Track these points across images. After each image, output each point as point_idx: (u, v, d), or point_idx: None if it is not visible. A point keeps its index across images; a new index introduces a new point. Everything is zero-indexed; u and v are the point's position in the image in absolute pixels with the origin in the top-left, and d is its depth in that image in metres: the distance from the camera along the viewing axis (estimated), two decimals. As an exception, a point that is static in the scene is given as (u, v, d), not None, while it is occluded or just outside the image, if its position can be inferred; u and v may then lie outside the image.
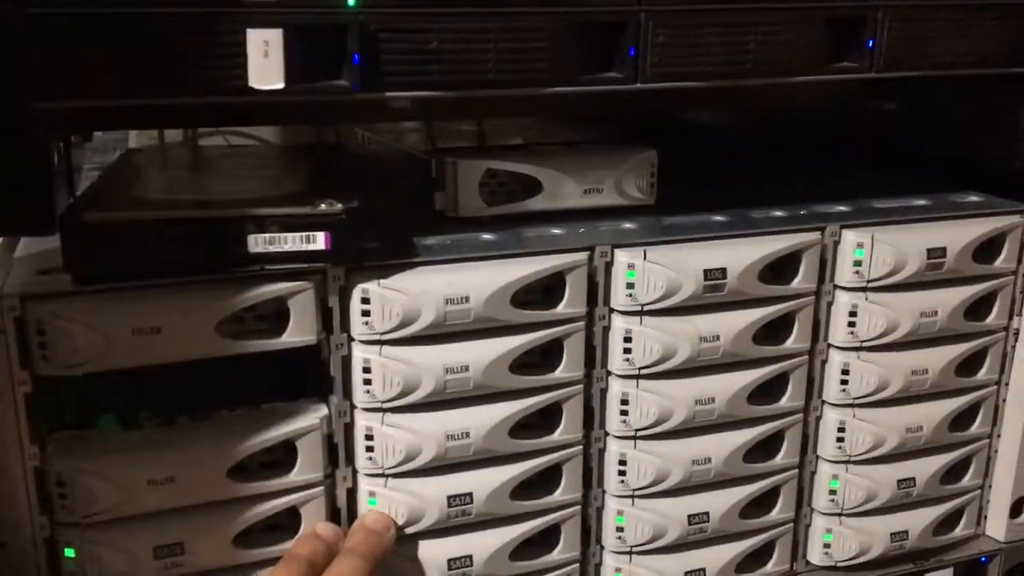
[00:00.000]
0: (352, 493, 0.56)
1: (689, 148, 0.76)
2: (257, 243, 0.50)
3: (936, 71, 0.60)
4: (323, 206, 0.51)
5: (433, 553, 0.58)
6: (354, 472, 0.56)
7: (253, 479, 0.53)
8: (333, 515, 0.56)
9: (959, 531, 0.72)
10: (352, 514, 0.57)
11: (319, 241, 0.51)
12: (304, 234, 0.51)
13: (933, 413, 0.68)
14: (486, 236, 0.59)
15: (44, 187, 0.47)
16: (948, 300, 0.65)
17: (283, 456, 0.54)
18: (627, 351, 0.59)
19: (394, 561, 0.56)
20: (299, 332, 0.53)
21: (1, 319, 0.48)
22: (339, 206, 0.51)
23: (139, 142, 0.74)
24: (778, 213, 0.65)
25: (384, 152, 0.83)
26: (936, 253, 0.64)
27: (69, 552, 0.50)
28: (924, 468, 0.69)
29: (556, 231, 0.60)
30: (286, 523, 0.55)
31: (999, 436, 0.72)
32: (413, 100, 0.51)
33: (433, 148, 0.75)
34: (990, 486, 0.73)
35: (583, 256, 0.58)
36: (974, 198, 0.70)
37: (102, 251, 0.48)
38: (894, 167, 0.77)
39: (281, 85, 0.47)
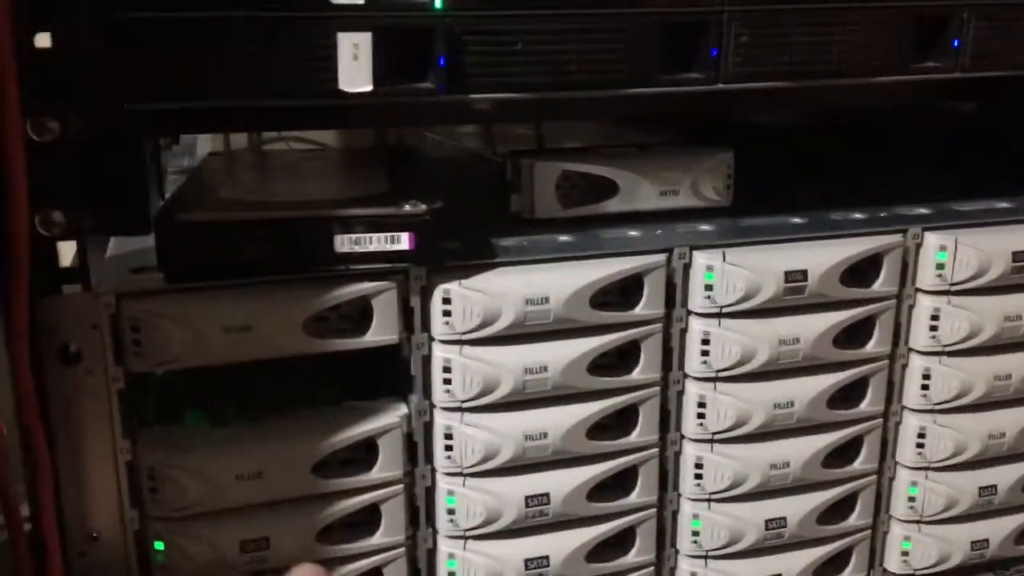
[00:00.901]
0: (431, 491, 0.57)
1: (763, 149, 0.75)
2: (343, 243, 0.51)
3: (1022, 71, 0.59)
4: (407, 207, 0.52)
5: (510, 553, 0.58)
6: (433, 471, 0.57)
7: (336, 476, 0.54)
8: (412, 513, 0.57)
9: (1042, 541, 0.71)
10: (430, 512, 0.57)
11: (403, 241, 0.52)
12: (388, 234, 0.51)
13: (1016, 419, 0.66)
14: (563, 238, 0.59)
15: (140, 188, 0.48)
16: (1033, 304, 0.64)
17: (363, 454, 0.55)
18: (705, 353, 0.59)
19: (472, 559, 0.57)
20: (382, 331, 0.53)
21: (97, 316, 0.49)
22: (423, 207, 0.52)
23: (212, 146, 0.76)
24: (858, 215, 0.64)
25: (452, 155, 0.84)
26: (1021, 256, 0.63)
27: (159, 545, 0.52)
28: (1006, 475, 0.67)
29: (633, 233, 0.60)
30: (366, 520, 0.56)
31: (1084, 444, 0.70)
32: (496, 102, 0.51)
33: (494, 151, 0.76)
34: (1074, 496, 0.71)
35: (661, 258, 0.57)
36: (1059, 200, 0.68)
37: (195, 251, 0.49)
38: (976, 169, 0.75)
39: (370, 87, 0.48)
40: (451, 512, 0.57)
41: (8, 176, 0.42)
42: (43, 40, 0.44)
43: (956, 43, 0.58)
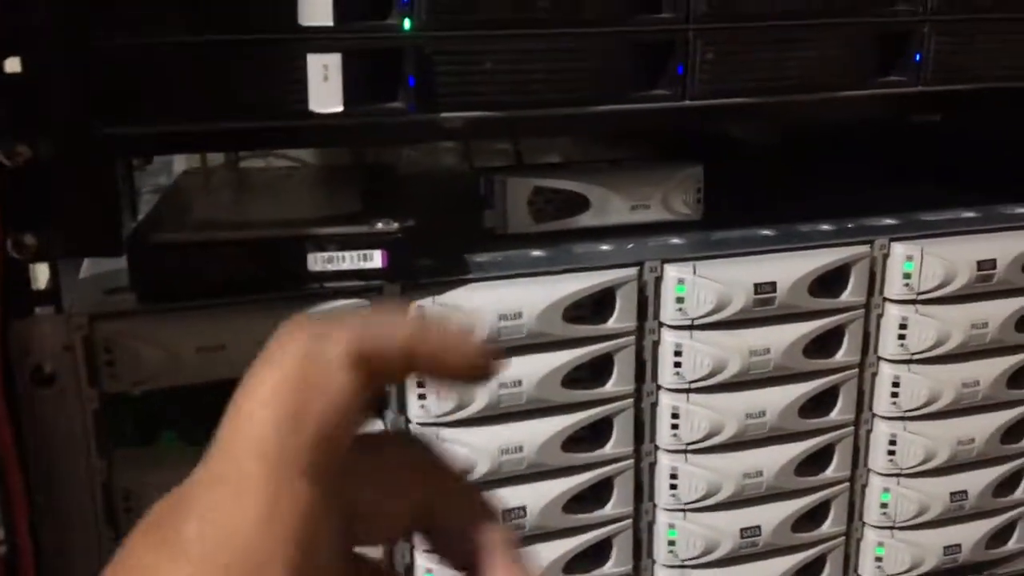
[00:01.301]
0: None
1: (732, 163, 0.76)
2: (316, 261, 0.51)
3: (984, 84, 0.60)
4: (379, 225, 0.52)
5: (487, 567, 0.58)
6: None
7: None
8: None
9: (1012, 544, 0.72)
10: (407, 528, 0.57)
11: (376, 259, 0.52)
12: (362, 252, 0.52)
13: (984, 425, 0.67)
14: (536, 253, 0.60)
15: (112, 210, 0.48)
16: (999, 312, 0.65)
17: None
18: (677, 365, 0.59)
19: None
20: (356, 349, 0.53)
21: (70, 338, 0.49)
22: (395, 225, 0.52)
23: (188, 164, 0.76)
24: (826, 227, 0.65)
25: (428, 170, 0.84)
26: (986, 265, 0.64)
27: (135, 565, 0.52)
28: (976, 481, 0.68)
29: (604, 247, 0.61)
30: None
31: (1052, 449, 0.71)
32: (466, 120, 0.52)
33: (471, 166, 0.76)
34: (1044, 499, 0.72)
35: (633, 271, 0.58)
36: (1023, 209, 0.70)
37: (167, 272, 0.50)
38: (942, 179, 0.76)
39: (340, 108, 0.48)
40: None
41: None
42: (13, 64, 0.45)
43: (918, 57, 0.59)
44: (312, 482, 0.23)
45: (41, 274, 0.51)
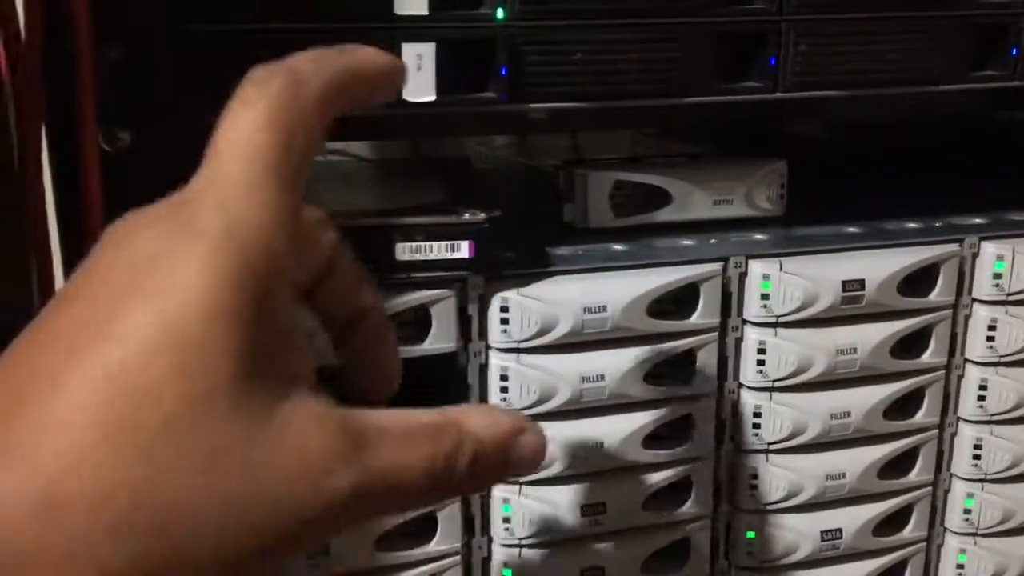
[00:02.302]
0: (485, 500, 0.57)
1: (815, 158, 0.75)
2: (404, 251, 0.51)
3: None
4: (467, 215, 0.52)
5: (566, 561, 0.58)
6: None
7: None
8: (467, 522, 0.57)
9: (1099, 555, 0.70)
10: (486, 522, 0.57)
11: (463, 250, 0.52)
12: (449, 243, 0.52)
13: (1075, 432, 0.65)
14: (617, 247, 0.59)
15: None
16: (1093, 314, 0.63)
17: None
18: (760, 363, 0.59)
19: (525, 562, 0.57)
20: (440, 339, 0.53)
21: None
22: (482, 215, 0.52)
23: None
24: (912, 225, 0.64)
25: (500, 166, 0.84)
26: (1080, 266, 0.62)
27: None
28: (1065, 489, 0.66)
29: (687, 242, 0.60)
30: (420, 531, 0.56)
31: None
32: (556, 111, 0.52)
33: (529, 160, 0.76)
34: None
35: (717, 267, 0.57)
36: (1117, 209, 0.68)
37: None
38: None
39: (433, 97, 0.48)
40: (507, 521, 0.57)
41: (85, 183, 0.43)
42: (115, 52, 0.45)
43: (1015, 51, 0.58)
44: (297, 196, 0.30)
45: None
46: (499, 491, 0.56)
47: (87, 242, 0.43)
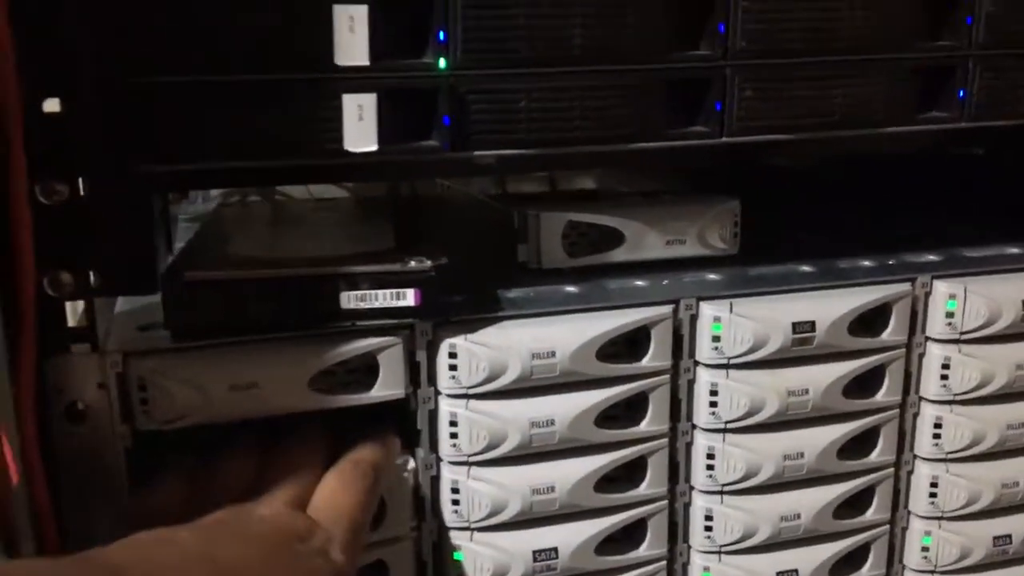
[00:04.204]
0: (438, 547, 0.57)
1: (769, 195, 0.75)
2: (349, 300, 0.51)
3: (1027, 119, 0.59)
4: (413, 263, 0.52)
5: (517, 608, 0.57)
6: (440, 526, 0.56)
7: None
8: (419, 568, 0.56)
9: (1059, 591, 0.70)
10: (438, 567, 0.57)
11: (409, 297, 0.52)
12: (395, 291, 0.51)
13: (1031, 468, 0.66)
14: (570, 288, 0.59)
15: (148, 248, 0.48)
16: (1045, 352, 0.63)
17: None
18: (713, 404, 0.58)
19: (480, 616, 0.56)
20: (388, 386, 0.53)
21: (104, 375, 0.49)
22: (428, 263, 0.52)
23: (223, 195, 0.76)
24: (866, 263, 0.64)
25: (462, 201, 0.84)
26: (1032, 303, 0.62)
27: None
28: (1021, 525, 0.66)
29: (639, 283, 0.60)
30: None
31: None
32: (499, 157, 0.52)
33: (503, 193, 0.76)
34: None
35: (668, 309, 0.57)
36: (1070, 246, 0.68)
37: (202, 309, 0.50)
38: (985, 215, 0.75)
39: (375, 147, 0.48)
40: (458, 565, 0.56)
41: (15, 241, 0.43)
42: (51, 105, 0.45)
43: (962, 93, 0.58)
44: None
45: (76, 309, 0.52)
46: (455, 537, 0.56)
47: (19, 298, 0.43)
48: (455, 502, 0.55)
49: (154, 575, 0.38)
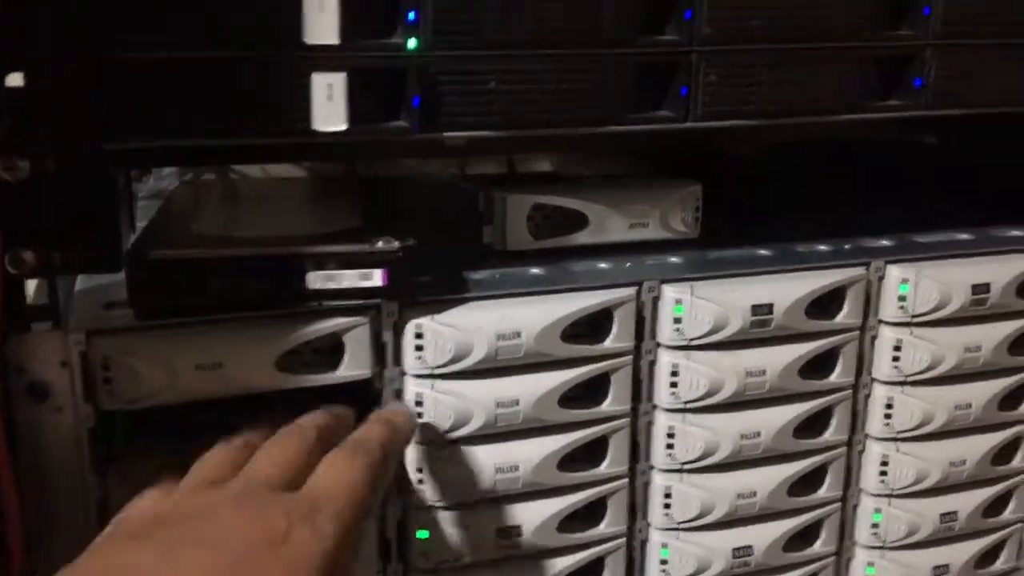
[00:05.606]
0: (402, 525, 0.57)
1: (730, 179, 0.76)
2: (316, 280, 0.51)
3: (984, 109, 0.61)
4: (380, 243, 0.52)
5: (481, 585, 0.58)
6: (405, 506, 0.57)
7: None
8: (383, 545, 0.57)
9: (1000, 564, 0.72)
10: (401, 546, 0.57)
11: (376, 278, 0.52)
12: (361, 271, 0.52)
13: (976, 447, 0.68)
14: (534, 270, 0.60)
15: (111, 226, 0.48)
16: (992, 335, 0.65)
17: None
18: (674, 385, 0.60)
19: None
20: (354, 366, 0.53)
21: (67, 354, 0.49)
22: (396, 244, 0.52)
23: (182, 173, 0.75)
24: (823, 247, 0.65)
25: (427, 182, 0.84)
26: (981, 289, 0.64)
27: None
28: (967, 502, 0.69)
29: (603, 265, 0.61)
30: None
31: (1041, 470, 0.72)
32: (468, 139, 0.52)
33: (463, 174, 0.76)
34: (1032, 519, 0.73)
35: (631, 291, 0.58)
36: (1018, 232, 0.70)
37: (167, 288, 0.49)
38: (937, 202, 0.77)
39: (344, 127, 0.48)
40: (424, 543, 0.57)
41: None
42: (14, 80, 0.44)
43: (918, 82, 0.60)
44: None
45: (38, 288, 0.51)
46: (422, 517, 0.56)
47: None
48: (420, 481, 0.56)
49: None
